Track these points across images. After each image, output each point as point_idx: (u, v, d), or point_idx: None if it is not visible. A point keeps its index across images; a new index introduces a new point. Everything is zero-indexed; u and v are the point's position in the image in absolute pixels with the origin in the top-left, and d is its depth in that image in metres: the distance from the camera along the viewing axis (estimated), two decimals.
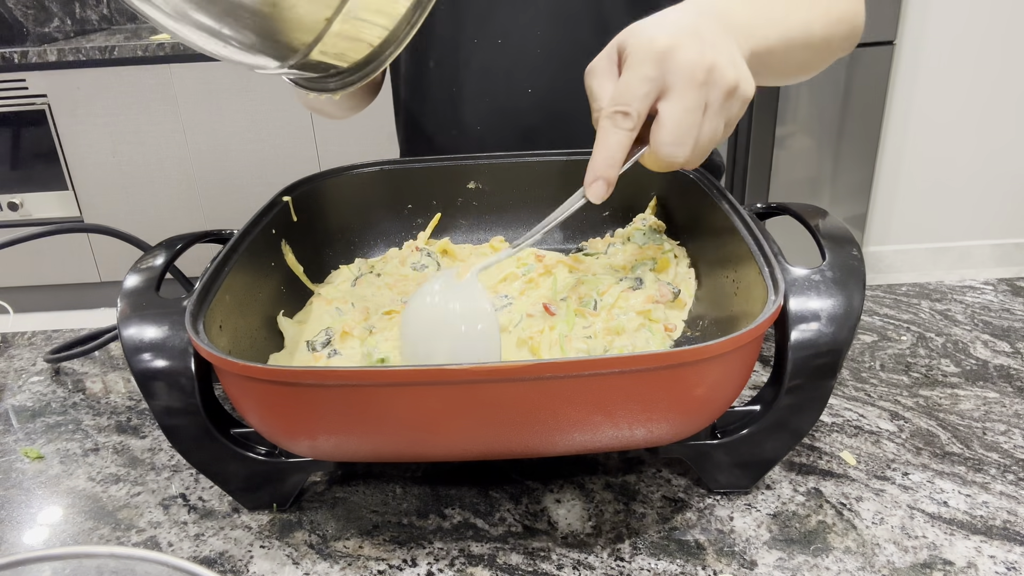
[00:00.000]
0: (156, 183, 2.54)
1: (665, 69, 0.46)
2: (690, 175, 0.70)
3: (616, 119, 0.47)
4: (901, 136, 2.60)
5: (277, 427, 0.49)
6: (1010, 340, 0.74)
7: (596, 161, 0.48)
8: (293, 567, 0.52)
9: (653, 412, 0.46)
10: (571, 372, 0.43)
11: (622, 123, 0.47)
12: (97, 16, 2.88)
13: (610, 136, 0.47)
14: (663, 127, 0.47)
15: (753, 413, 0.54)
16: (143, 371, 0.50)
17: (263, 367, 0.44)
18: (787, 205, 0.64)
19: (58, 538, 0.56)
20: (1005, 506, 0.54)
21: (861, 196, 2.51)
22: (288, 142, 2.48)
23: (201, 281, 0.53)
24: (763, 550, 0.51)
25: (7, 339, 0.84)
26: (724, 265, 0.62)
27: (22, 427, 0.69)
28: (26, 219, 2.57)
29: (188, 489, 0.60)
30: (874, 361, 0.72)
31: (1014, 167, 2.64)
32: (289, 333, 0.63)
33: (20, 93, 2.40)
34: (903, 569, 0.49)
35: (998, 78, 2.52)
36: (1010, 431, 0.61)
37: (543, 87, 0.84)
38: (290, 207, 0.69)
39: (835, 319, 0.50)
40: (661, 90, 0.47)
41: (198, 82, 2.39)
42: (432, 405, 0.45)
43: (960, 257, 2.79)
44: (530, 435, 0.47)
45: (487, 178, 0.77)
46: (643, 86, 0.47)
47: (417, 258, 0.73)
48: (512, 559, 0.51)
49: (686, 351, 0.43)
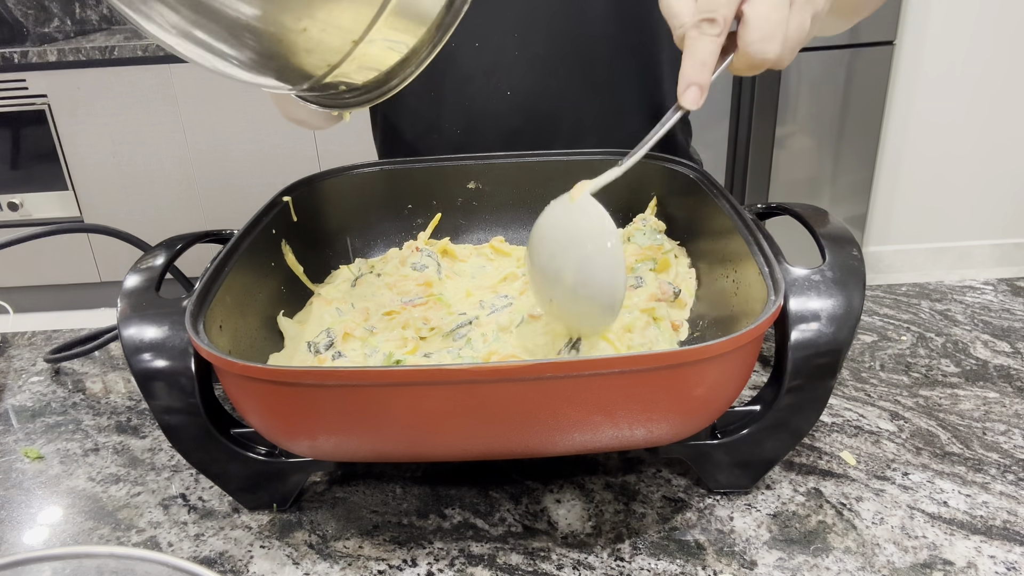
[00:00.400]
0: (156, 183, 2.54)
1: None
2: (690, 175, 0.70)
3: (703, 27, 0.48)
4: (901, 136, 2.60)
5: (277, 427, 0.49)
6: (1010, 340, 0.74)
7: (687, 69, 0.49)
8: (293, 567, 0.52)
9: (653, 412, 0.46)
10: (571, 372, 0.43)
11: (709, 29, 0.47)
12: (97, 16, 2.88)
13: (698, 43, 0.48)
14: (750, 26, 0.48)
15: (753, 413, 0.54)
16: (143, 371, 0.50)
17: (263, 367, 0.44)
18: (787, 205, 0.64)
19: (58, 538, 0.56)
20: (1005, 506, 0.54)
21: (861, 196, 2.51)
22: (288, 142, 2.48)
23: (201, 281, 0.53)
24: (763, 550, 0.51)
25: (7, 339, 0.84)
26: (724, 265, 0.62)
27: (22, 427, 0.69)
28: (26, 219, 2.57)
29: (188, 489, 0.60)
30: (874, 361, 0.72)
31: (1014, 167, 2.64)
32: (289, 333, 0.63)
33: (20, 93, 2.40)
34: (903, 569, 0.49)
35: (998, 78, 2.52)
36: (1010, 431, 0.61)
37: (523, 90, 0.84)
38: (290, 207, 0.69)
39: (835, 319, 0.50)
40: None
41: (198, 82, 2.39)
42: (432, 405, 0.45)
43: (960, 257, 2.79)
44: (530, 435, 0.47)
45: (487, 178, 0.77)
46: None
47: (417, 258, 0.73)
48: (512, 559, 0.51)
49: (686, 351, 0.43)
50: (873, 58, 2.31)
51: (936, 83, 2.53)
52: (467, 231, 0.78)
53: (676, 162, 0.72)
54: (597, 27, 0.82)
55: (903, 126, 2.58)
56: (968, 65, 2.50)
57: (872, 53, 2.31)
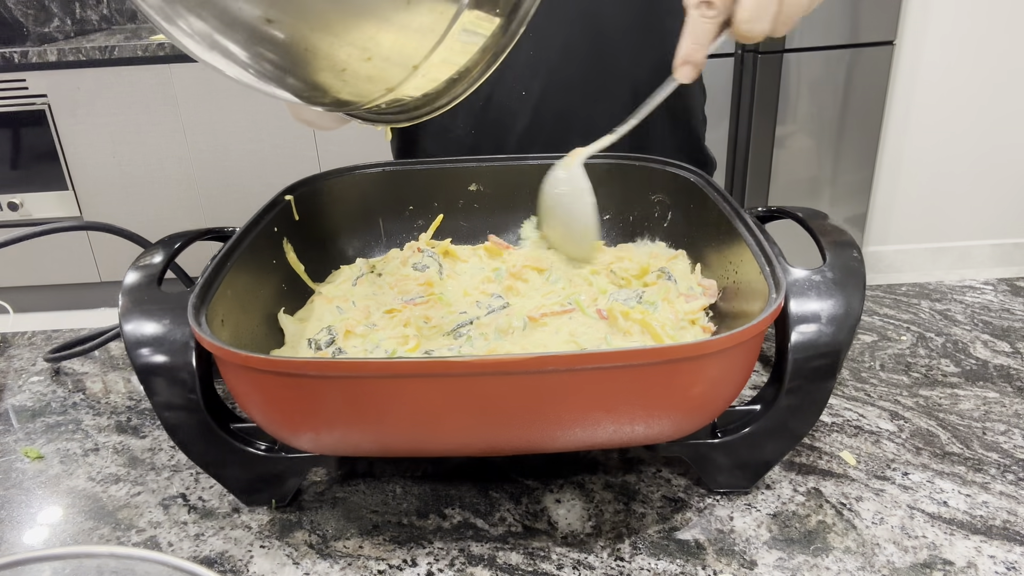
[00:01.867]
0: (156, 183, 2.54)
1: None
2: (690, 178, 0.70)
3: (702, 8, 0.53)
4: (901, 136, 2.60)
5: (278, 420, 0.49)
6: (1010, 340, 0.74)
7: (683, 47, 0.54)
8: (293, 567, 0.52)
9: (654, 407, 0.46)
10: (571, 366, 0.43)
11: (707, 12, 0.53)
12: (97, 16, 2.88)
13: (696, 24, 0.53)
14: (742, 5, 0.53)
15: (753, 413, 0.54)
16: (144, 366, 0.50)
17: (265, 358, 0.44)
18: (787, 209, 0.64)
19: (58, 538, 0.56)
20: (1005, 506, 0.54)
21: (861, 196, 2.51)
22: (288, 142, 2.48)
23: (203, 276, 0.53)
24: (763, 550, 0.51)
25: (7, 339, 0.84)
26: (725, 267, 0.62)
27: (22, 427, 0.69)
28: (26, 219, 2.57)
29: (188, 489, 0.60)
30: (874, 361, 0.72)
31: (1014, 167, 2.64)
32: (290, 330, 0.63)
33: (20, 93, 2.40)
34: (903, 569, 0.49)
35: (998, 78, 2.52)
36: (1010, 431, 0.61)
37: (535, 89, 0.84)
38: (292, 206, 0.69)
39: (835, 320, 0.50)
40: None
41: (198, 82, 2.39)
42: (434, 398, 0.45)
43: (960, 257, 2.79)
44: (531, 429, 0.47)
45: (488, 180, 0.77)
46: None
47: (419, 258, 0.73)
48: (512, 559, 0.52)
49: (687, 346, 0.43)
50: (873, 58, 2.31)
51: (936, 83, 2.53)
52: (468, 233, 0.78)
53: (676, 165, 0.72)
54: (611, 27, 0.82)
55: (903, 126, 2.58)
56: (968, 65, 2.50)
57: (872, 53, 2.31)
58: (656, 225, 0.75)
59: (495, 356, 0.43)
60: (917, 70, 2.51)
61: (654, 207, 0.75)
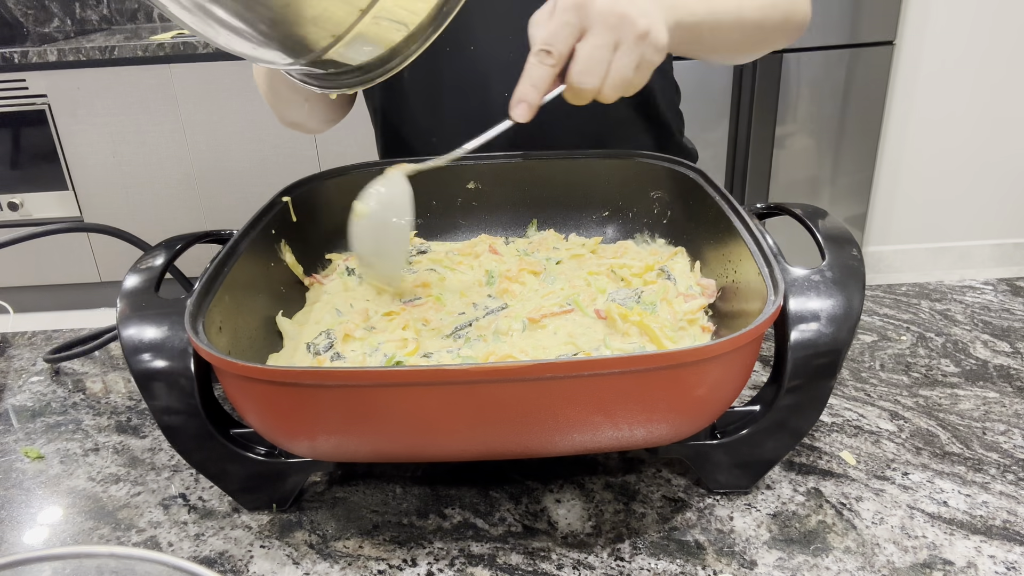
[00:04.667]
0: (156, 183, 2.54)
1: (583, 15, 0.55)
2: (689, 175, 0.70)
3: (541, 56, 0.56)
4: (901, 136, 2.60)
5: (277, 427, 0.49)
6: (1010, 340, 0.74)
7: (521, 88, 0.57)
8: (293, 567, 0.52)
9: (653, 412, 0.46)
10: (570, 372, 0.43)
11: (545, 59, 0.56)
12: (97, 16, 2.88)
13: (534, 69, 0.56)
14: (576, 60, 0.56)
15: (753, 413, 0.54)
16: (143, 371, 0.50)
17: (262, 367, 0.44)
18: (786, 206, 0.64)
19: (58, 538, 0.56)
20: (1005, 506, 0.54)
21: (861, 196, 2.51)
22: (288, 142, 2.48)
23: (201, 281, 0.53)
24: (763, 550, 0.51)
25: (7, 339, 0.84)
26: (724, 265, 0.62)
27: (22, 427, 0.69)
28: (26, 219, 2.57)
29: (188, 489, 0.60)
30: (874, 361, 0.72)
31: (1014, 167, 2.64)
32: (288, 334, 0.63)
33: (20, 93, 2.40)
34: (903, 569, 0.49)
35: (998, 78, 2.52)
36: (1010, 431, 0.61)
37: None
38: (290, 208, 0.69)
39: (835, 319, 0.50)
40: (580, 33, 0.55)
41: (198, 82, 2.39)
42: (432, 405, 0.45)
43: (960, 257, 2.79)
44: (530, 435, 0.47)
45: (487, 178, 0.77)
46: (564, 30, 0.55)
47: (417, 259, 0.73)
48: (512, 559, 0.51)
49: (685, 351, 0.43)
50: (873, 58, 2.31)
51: (936, 83, 2.52)
52: (467, 231, 0.78)
53: (676, 162, 0.72)
54: None
55: (903, 126, 2.58)
56: (968, 65, 2.50)
57: (872, 53, 2.31)
58: (655, 222, 0.75)
59: (493, 364, 0.43)
60: (917, 70, 2.51)
61: (653, 204, 0.75)
